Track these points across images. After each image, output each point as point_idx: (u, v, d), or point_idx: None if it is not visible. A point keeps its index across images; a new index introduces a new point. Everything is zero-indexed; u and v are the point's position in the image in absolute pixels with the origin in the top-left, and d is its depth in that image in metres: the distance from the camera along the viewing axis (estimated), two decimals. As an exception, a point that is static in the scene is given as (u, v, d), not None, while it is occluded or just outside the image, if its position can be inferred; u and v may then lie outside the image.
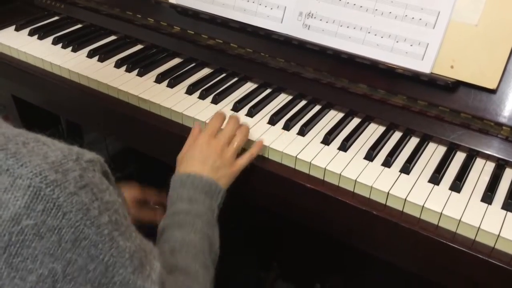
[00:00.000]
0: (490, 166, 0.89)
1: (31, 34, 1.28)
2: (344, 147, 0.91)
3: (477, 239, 0.77)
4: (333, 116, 1.01)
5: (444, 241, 0.77)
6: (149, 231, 0.65)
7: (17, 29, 1.30)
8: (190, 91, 1.07)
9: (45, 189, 0.45)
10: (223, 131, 0.89)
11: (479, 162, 0.90)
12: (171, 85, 1.09)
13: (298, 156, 0.89)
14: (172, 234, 0.76)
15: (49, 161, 0.46)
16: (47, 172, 0.45)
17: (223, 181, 0.85)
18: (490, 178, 0.86)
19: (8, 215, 0.44)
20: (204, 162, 0.85)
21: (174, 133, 1.00)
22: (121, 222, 0.52)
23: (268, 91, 1.08)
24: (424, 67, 0.90)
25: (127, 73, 1.13)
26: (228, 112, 1.01)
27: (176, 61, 1.19)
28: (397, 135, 0.96)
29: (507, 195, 0.82)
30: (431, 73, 0.91)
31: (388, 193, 0.82)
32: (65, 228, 0.46)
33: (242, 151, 0.90)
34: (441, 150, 0.93)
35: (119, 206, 0.52)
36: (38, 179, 0.45)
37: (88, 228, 0.47)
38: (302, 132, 0.95)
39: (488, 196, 0.81)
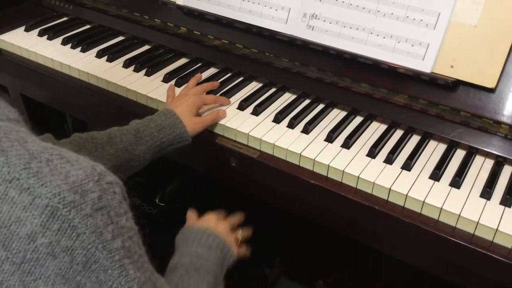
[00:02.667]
0: (489, 163, 0.92)
1: (40, 34, 1.31)
2: (347, 144, 0.94)
3: (476, 233, 0.80)
4: (336, 115, 1.04)
5: (444, 235, 0.80)
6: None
7: (27, 30, 1.33)
8: (196, 90, 1.09)
9: (62, 210, 0.45)
10: (230, 219, 0.94)
11: (478, 159, 0.93)
12: (178, 85, 1.11)
13: (302, 153, 0.92)
14: (184, 279, 0.75)
15: (70, 181, 0.46)
16: (66, 193, 0.46)
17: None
18: (489, 174, 0.88)
19: (24, 232, 0.44)
20: (217, 228, 0.88)
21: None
22: (134, 250, 0.52)
23: (273, 90, 1.11)
24: (425, 66, 0.93)
25: (135, 73, 1.16)
26: (234, 111, 1.04)
27: (182, 61, 1.22)
28: (398, 133, 0.98)
29: (505, 191, 0.84)
30: (432, 72, 0.93)
31: (390, 189, 0.85)
32: (77, 250, 0.46)
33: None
34: (442, 147, 0.95)
35: (134, 233, 0.52)
36: (57, 199, 0.45)
37: (100, 252, 0.48)
38: (306, 130, 0.98)
39: (487, 192, 0.84)
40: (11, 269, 0.45)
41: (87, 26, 1.37)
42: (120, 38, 1.31)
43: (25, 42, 1.27)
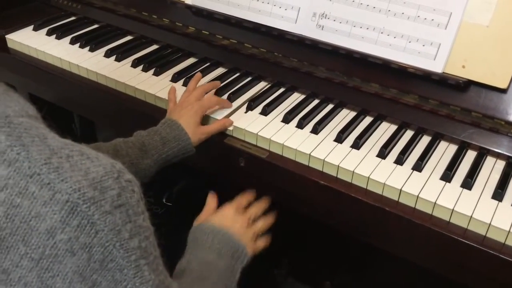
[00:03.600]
0: (501, 164, 0.91)
1: (49, 34, 1.31)
2: (357, 145, 0.93)
3: (488, 235, 0.79)
4: (345, 115, 1.03)
5: (456, 237, 0.79)
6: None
7: (35, 29, 1.33)
8: (205, 89, 1.09)
9: (82, 205, 0.45)
10: (251, 211, 0.89)
11: (489, 160, 0.92)
12: (186, 84, 1.11)
13: (311, 154, 0.91)
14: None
15: (90, 177, 0.46)
16: (86, 188, 0.46)
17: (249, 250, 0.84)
18: (501, 175, 0.87)
19: (44, 227, 0.44)
20: (233, 225, 0.84)
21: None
22: (150, 251, 0.52)
23: (282, 90, 1.10)
24: (436, 66, 0.92)
25: (144, 73, 1.15)
26: (243, 111, 1.03)
27: (191, 60, 1.21)
28: (409, 134, 0.98)
29: (518, 192, 0.84)
30: (443, 72, 0.92)
31: (400, 190, 0.84)
32: (95, 247, 0.46)
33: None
34: (452, 148, 0.94)
35: (150, 234, 0.52)
36: (76, 195, 0.45)
37: (117, 250, 0.48)
38: (315, 130, 0.97)
39: (498, 193, 0.83)
40: (30, 265, 0.45)
41: (96, 26, 1.37)
42: (129, 37, 1.31)
43: (33, 41, 1.27)
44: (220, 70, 1.18)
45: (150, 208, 0.55)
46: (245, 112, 1.03)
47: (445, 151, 0.94)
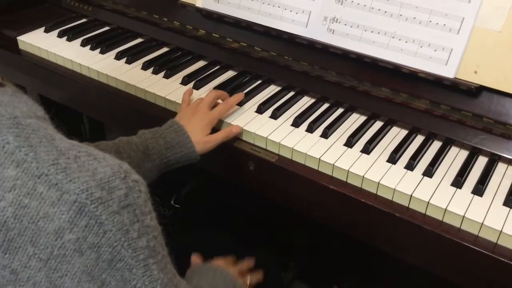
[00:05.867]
0: (513, 170, 0.90)
1: (60, 35, 1.31)
2: (367, 149, 0.93)
3: (499, 242, 0.78)
4: (355, 119, 1.03)
5: (466, 244, 0.79)
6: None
7: (46, 31, 1.34)
8: (215, 93, 1.09)
9: (90, 206, 0.45)
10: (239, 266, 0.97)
11: (501, 166, 0.91)
12: (196, 87, 1.11)
13: (321, 158, 0.91)
14: None
15: (97, 178, 0.47)
16: (93, 189, 0.46)
17: None
18: (512, 182, 0.87)
19: (52, 228, 0.45)
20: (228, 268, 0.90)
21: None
22: (158, 250, 0.52)
23: (292, 93, 1.10)
24: (448, 72, 0.92)
25: (154, 75, 1.16)
26: (252, 114, 1.03)
27: (201, 63, 1.21)
28: (419, 139, 0.97)
29: (530, 200, 0.83)
30: (455, 78, 0.92)
31: (411, 195, 0.84)
32: (104, 247, 0.47)
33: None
34: (463, 154, 0.94)
35: (158, 233, 0.52)
36: (84, 195, 0.45)
37: (125, 250, 0.48)
38: (325, 135, 0.97)
39: (510, 200, 0.82)
40: (38, 265, 0.45)
41: (106, 28, 1.37)
42: (139, 40, 1.31)
43: (44, 43, 1.28)
44: (230, 73, 1.18)
45: (157, 208, 0.56)
46: (255, 116, 1.03)
47: (456, 157, 0.93)
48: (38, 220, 0.45)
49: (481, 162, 0.92)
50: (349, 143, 0.95)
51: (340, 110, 1.05)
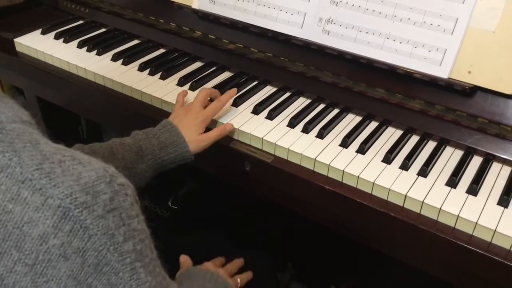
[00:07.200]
0: (507, 170, 0.90)
1: (56, 37, 1.32)
2: (362, 150, 0.93)
3: (494, 241, 0.79)
4: (351, 120, 1.03)
5: (461, 243, 0.79)
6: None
7: (43, 33, 1.34)
8: (211, 94, 1.09)
9: (74, 210, 0.45)
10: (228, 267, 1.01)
11: (495, 166, 0.92)
12: (193, 88, 1.12)
13: (317, 158, 0.91)
14: None
15: (82, 182, 0.46)
16: (77, 193, 0.46)
17: None
18: (507, 182, 0.87)
19: (37, 233, 0.44)
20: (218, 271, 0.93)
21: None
22: (146, 253, 0.52)
23: (287, 94, 1.11)
24: (442, 72, 0.92)
25: (150, 76, 1.16)
26: (248, 115, 1.04)
27: (197, 64, 1.22)
28: (414, 139, 0.98)
29: (524, 199, 0.83)
30: (449, 78, 0.92)
31: (405, 195, 0.84)
32: (89, 251, 0.46)
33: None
34: (458, 154, 0.94)
35: (145, 236, 0.52)
36: (68, 200, 0.45)
37: (111, 254, 0.48)
38: (321, 135, 0.97)
39: (504, 200, 0.83)
40: (24, 270, 0.45)
41: (103, 30, 1.38)
42: (136, 41, 1.32)
43: (41, 45, 1.28)
44: (226, 74, 1.19)
45: (155, 209, 0.56)
46: (251, 117, 1.03)
47: (451, 156, 0.93)
48: (23, 225, 0.44)
49: (476, 162, 0.92)
50: (345, 143, 0.95)
51: (335, 111, 1.06)
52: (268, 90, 1.13)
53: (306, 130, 0.99)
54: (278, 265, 1.43)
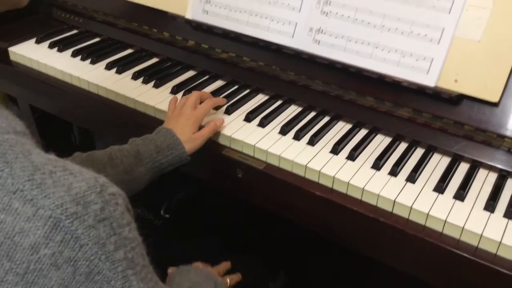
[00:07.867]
0: (493, 176, 0.92)
1: (51, 46, 1.33)
2: (352, 156, 0.95)
3: (480, 246, 0.80)
4: (341, 127, 1.05)
5: (448, 248, 0.81)
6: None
7: (37, 42, 1.35)
8: (204, 102, 1.11)
9: (65, 221, 0.46)
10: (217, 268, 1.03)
11: (482, 172, 0.94)
12: (185, 97, 1.13)
13: (308, 165, 0.93)
14: None
15: (72, 193, 0.47)
16: (68, 204, 0.46)
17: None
18: (493, 187, 0.89)
19: (28, 243, 0.45)
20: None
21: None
22: (138, 261, 0.52)
23: (279, 102, 1.12)
24: (429, 80, 0.94)
25: (144, 85, 1.18)
26: (241, 123, 1.05)
27: (190, 73, 1.23)
28: (403, 146, 1.00)
29: (509, 204, 0.85)
30: (436, 86, 0.94)
31: (394, 201, 0.86)
32: (80, 261, 0.47)
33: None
34: (446, 160, 0.96)
35: (137, 244, 0.53)
36: (59, 211, 0.46)
37: (103, 262, 0.48)
38: (311, 142, 0.99)
39: (490, 205, 0.85)
40: (15, 279, 0.45)
41: (97, 39, 1.39)
42: (129, 50, 1.33)
43: (35, 54, 1.29)
44: (219, 83, 1.20)
45: (148, 217, 0.57)
46: (243, 124, 1.05)
47: (438, 163, 0.95)
48: (14, 235, 0.45)
49: (463, 168, 0.94)
50: (335, 150, 0.97)
51: (326, 119, 1.07)
52: (260, 98, 1.15)
53: (297, 137, 1.01)
54: (271, 272, 1.44)
